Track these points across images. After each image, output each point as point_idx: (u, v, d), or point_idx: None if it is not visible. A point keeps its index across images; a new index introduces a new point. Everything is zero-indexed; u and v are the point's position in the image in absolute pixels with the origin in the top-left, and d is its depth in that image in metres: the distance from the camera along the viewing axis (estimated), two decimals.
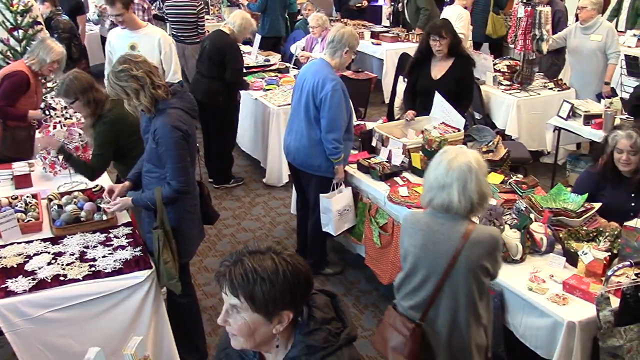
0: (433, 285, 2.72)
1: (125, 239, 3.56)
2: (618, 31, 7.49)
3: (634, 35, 7.86)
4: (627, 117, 5.34)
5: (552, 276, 3.30)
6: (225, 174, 6.36)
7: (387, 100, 7.91)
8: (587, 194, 3.77)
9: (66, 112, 4.90)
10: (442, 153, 2.74)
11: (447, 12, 7.31)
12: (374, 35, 9.00)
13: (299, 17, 8.91)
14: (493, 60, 6.89)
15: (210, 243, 5.28)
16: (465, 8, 7.37)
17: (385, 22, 10.21)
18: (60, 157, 4.04)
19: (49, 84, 5.34)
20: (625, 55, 6.16)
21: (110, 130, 3.84)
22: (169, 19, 7.52)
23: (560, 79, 6.71)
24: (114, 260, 3.33)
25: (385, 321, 2.90)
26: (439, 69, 5.12)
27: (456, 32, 5.16)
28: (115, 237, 3.58)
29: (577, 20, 8.16)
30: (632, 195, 3.68)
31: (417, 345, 2.73)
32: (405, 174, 4.49)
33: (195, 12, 7.34)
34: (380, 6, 10.62)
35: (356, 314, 4.44)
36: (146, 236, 3.63)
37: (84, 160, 4.06)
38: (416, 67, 5.27)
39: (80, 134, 4.36)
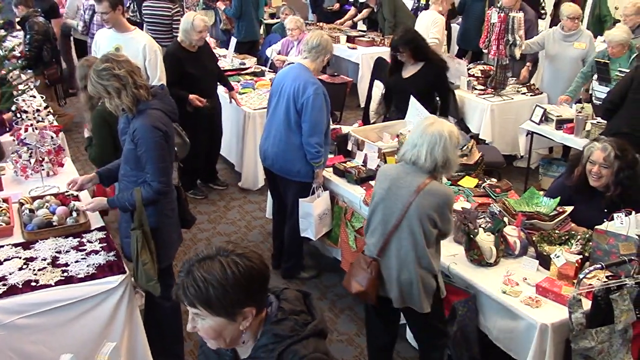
0: (390, 225, 3.16)
1: (99, 243, 3.51)
2: None
3: (604, 41, 7.98)
4: (597, 122, 5.43)
5: (526, 279, 3.34)
6: (190, 182, 6.18)
7: (362, 104, 7.94)
8: (559, 198, 3.81)
9: (38, 115, 4.84)
10: (424, 120, 3.24)
11: (423, 18, 7.36)
12: (350, 39, 9.03)
13: (275, 20, 8.91)
14: (467, 65, 6.96)
15: (185, 247, 5.24)
16: (441, 13, 7.43)
17: (361, 26, 10.25)
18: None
19: (20, 87, 5.26)
20: (596, 61, 6.25)
21: (102, 122, 3.93)
22: (145, 19, 7.47)
23: (533, 84, 6.80)
24: (87, 265, 3.28)
25: (354, 262, 3.38)
26: (408, 71, 5.31)
27: (417, 41, 5.27)
28: (89, 241, 3.53)
29: (550, 25, 8.32)
30: (605, 211, 3.63)
31: (374, 278, 3.20)
32: None
33: (169, 14, 7.28)
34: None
35: (332, 317, 4.44)
36: (123, 241, 3.60)
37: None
38: (393, 72, 5.46)
39: (52, 137, 4.31)
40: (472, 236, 3.50)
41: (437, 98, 5.47)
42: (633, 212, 3.33)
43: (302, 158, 4.40)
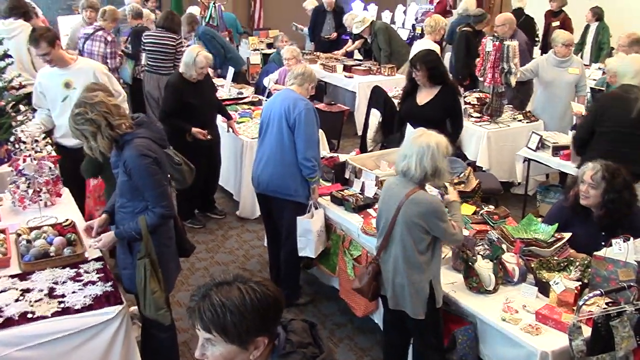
0: (385, 231, 3.38)
1: (96, 273, 3.50)
2: (584, 64, 7.73)
3: (599, 68, 8.08)
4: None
5: (525, 306, 3.33)
6: (187, 211, 6.18)
7: (359, 132, 7.96)
8: (557, 224, 3.82)
9: (36, 146, 4.84)
10: (413, 133, 3.43)
11: (417, 46, 7.42)
12: (347, 68, 9.11)
13: (272, 49, 9.01)
14: (463, 93, 7.01)
15: (183, 277, 5.21)
16: (436, 42, 7.50)
17: (358, 55, 10.35)
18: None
19: (19, 117, 5.27)
20: (591, 88, 6.32)
21: None
22: (146, 48, 7.55)
23: (529, 111, 6.85)
24: (84, 296, 3.26)
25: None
26: (423, 96, 5.22)
27: (437, 63, 5.23)
28: (86, 272, 3.51)
29: (542, 52, 8.41)
30: (603, 233, 3.67)
31: (371, 278, 3.46)
32: None
33: (174, 44, 7.39)
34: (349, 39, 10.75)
35: (330, 347, 4.40)
36: (122, 272, 3.59)
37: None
38: (407, 95, 5.38)
39: (50, 168, 4.31)
40: (470, 263, 3.50)
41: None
42: (631, 238, 3.33)
43: (298, 176, 4.48)
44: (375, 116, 6.44)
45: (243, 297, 1.69)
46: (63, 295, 3.27)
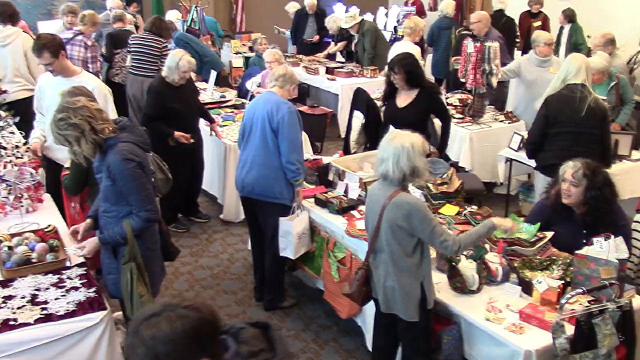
0: (372, 236, 3.40)
1: (79, 279, 3.47)
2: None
3: None
4: None
5: (509, 305, 3.35)
6: (171, 215, 6.13)
7: (343, 135, 7.97)
8: (539, 223, 3.85)
9: (17, 152, 4.79)
10: (387, 135, 3.39)
11: (396, 48, 7.43)
12: (329, 70, 9.12)
13: (251, 53, 9.01)
14: (445, 94, 7.05)
15: (167, 282, 5.18)
16: (416, 44, 7.53)
17: (340, 57, 10.37)
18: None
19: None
20: None
21: None
22: (131, 49, 7.52)
23: (510, 112, 6.90)
24: (67, 302, 3.24)
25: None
26: (403, 99, 5.26)
27: (414, 66, 5.26)
28: (69, 278, 3.48)
29: (523, 52, 8.49)
30: (584, 231, 3.73)
31: (361, 283, 3.47)
32: (362, 207, 4.50)
33: (160, 47, 7.37)
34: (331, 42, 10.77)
35: (316, 349, 4.40)
36: (106, 278, 3.56)
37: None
38: (387, 99, 5.45)
39: (32, 174, 4.27)
40: (454, 264, 3.52)
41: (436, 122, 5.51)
42: (612, 236, 3.37)
43: (282, 179, 4.48)
44: (358, 118, 6.44)
45: (171, 326, 1.64)
46: (46, 302, 3.24)
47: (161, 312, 1.67)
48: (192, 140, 5.77)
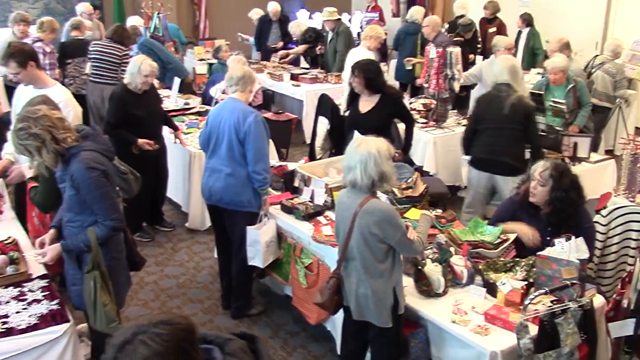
0: (343, 244, 3.37)
1: (41, 292, 3.40)
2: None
3: (538, 73, 8.34)
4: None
5: (474, 307, 3.39)
6: (135, 224, 6.03)
7: (308, 141, 7.99)
8: (501, 227, 3.91)
9: None
10: (351, 143, 3.38)
11: (353, 55, 7.45)
12: (294, 77, 9.13)
13: (214, 60, 8.94)
14: (409, 100, 7.11)
15: (133, 292, 5.11)
16: (369, 49, 7.53)
17: (304, 64, 10.39)
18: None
19: None
20: (531, 93, 6.50)
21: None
22: (91, 56, 7.41)
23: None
24: (29, 316, 3.17)
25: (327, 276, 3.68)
26: (365, 104, 5.30)
27: (376, 73, 5.29)
28: (30, 290, 3.41)
29: (484, 57, 8.64)
30: (548, 229, 3.80)
31: (332, 292, 3.45)
32: (329, 213, 4.53)
33: (120, 54, 7.27)
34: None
35: (284, 356, 4.39)
36: (70, 289, 3.50)
37: None
38: (350, 103, 5.50)
39: None
40: (420, 267, 3.55)
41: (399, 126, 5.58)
42: (573, 237, 3.44)
43: (250, 188, 4.46)
44: (323, 124, 6.47)
45: (150, 348, 1.57)
46: (6, 316, 3.17)
47: (133, 337, 1.59)
48: (156, 146, 5.71)
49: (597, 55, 8.06)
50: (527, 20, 9.41)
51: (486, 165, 5.24)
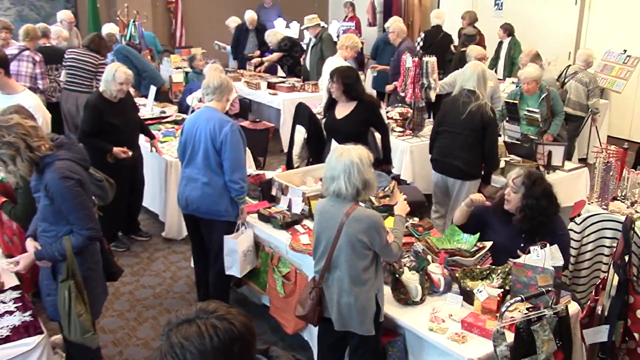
0: (326, 254, 3.33)
1: (13, 303, 3.35)
2: (498, 79, 8.09)
3: (513, 82, 8.44)
4: (510, 159, 5.70)
5: (451, 315, 3.41)
6: (111, 234, 5.96)
7: (285, 149, 7.98)
8: (478, 234, 3.94)
9: None
10: (332, 153, 3.36)
11: (329, 63, 7.47)
12: (271, 85, 9.13)
13: (189, 69, 8.90)
14: (386, 109, 7.15)
15: (108, 302, 5.02)
16: (345, 59, 7.56)
17: (281, 72, 10.40)
18: None
19: None
20: (505, 102, 6.58)
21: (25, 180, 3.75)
22: (66, 64, 7.33)
23: None
24: (1, 327, 3.12)
25: (305, 287, 3.67)
26: (341, 110, 5.33)
27: (353, 80, 5.31)
28: (2, 302, 3.37)
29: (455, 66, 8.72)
30: (522, 236, 3.85)
31: (315, 303, 3.41)
32: (306, 222, 4.53)
33: (96, 63, 7.21)
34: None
35: None
36: (45, 300, 3.44)
37: None
38: (327, 110, 5.54)
39: None
40: (397, 276, 3.56)
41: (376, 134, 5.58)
42: (548, 245, 3.48)
43: (227, 197, 4.44)
44: (301, 132, 6.47)
45: (202, 335, 1.59)
46: None
47: (194, 319, 1.63)
48: (130, 154, 5.65)
49: (569, 65, 8.19)
50: (508, 29, 9.54)
51: (440, 166, 5.52)
